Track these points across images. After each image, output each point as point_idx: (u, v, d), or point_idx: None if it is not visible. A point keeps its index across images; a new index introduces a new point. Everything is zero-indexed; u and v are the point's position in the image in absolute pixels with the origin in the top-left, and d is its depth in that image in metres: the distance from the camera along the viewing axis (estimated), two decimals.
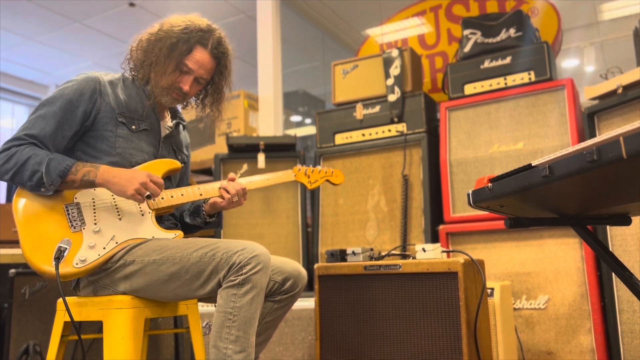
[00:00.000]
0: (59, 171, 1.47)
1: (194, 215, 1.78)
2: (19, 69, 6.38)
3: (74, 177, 1.49)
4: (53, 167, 1.47)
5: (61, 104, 1.56)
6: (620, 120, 2.20)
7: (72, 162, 1.50)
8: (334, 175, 1.89)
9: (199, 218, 1.77)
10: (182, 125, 1.86)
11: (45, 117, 1.54)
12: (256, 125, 4.09)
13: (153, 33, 1.65)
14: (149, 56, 1.64)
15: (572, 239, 2.33)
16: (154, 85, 1.66)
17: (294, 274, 1.66)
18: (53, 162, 1.48)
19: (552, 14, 3.30)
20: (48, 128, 1.53)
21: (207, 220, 1.77)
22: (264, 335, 1.65)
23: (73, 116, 1.57)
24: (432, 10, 3.72)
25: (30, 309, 2.18)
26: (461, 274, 1.63)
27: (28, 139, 1.51)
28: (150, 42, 1.64)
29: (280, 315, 1.68)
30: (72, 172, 1.49)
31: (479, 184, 1.22)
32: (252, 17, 4.61)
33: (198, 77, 1.68)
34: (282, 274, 1.64)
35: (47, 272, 1.42)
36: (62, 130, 1.55)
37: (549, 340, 2.30)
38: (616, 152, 0.77)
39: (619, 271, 1.26)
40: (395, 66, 2.99)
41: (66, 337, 1.55)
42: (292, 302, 1.69)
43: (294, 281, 1.65)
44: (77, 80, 1.61)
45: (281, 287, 1.64)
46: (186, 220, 1.79)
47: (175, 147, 1.80)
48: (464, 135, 2.70)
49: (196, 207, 1.79)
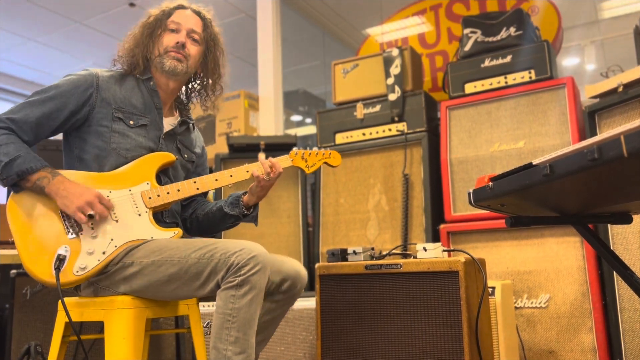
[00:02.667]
0: (19, 169, 1.46)
1: (232, 205, 1.76)
2: (19, 69, 6.38)
3: (30, 178, 1.48)
4: (17, 164, 1.46)
5: (53, 93, 1.57)
6: (621, 118, 2.20)
7: (38, 166, 1.49)
8: (331, 157, 1.87)
9: (237, 208, 1.75)
10: (191, 124, 1.85)
11: (34, 104, 1.55)
12: (256, 125, 4.09)
13: (136, 25, 1.73)
14: (135, 41, 1.70)
15: (573, 238, 2.33)
16: (153, 59, 1.70)
17: (292, 275, 1.64)
18: (20, 159, 1.46)
19: (553, 12, 3.30)
20: (32, 115, 1.54)
21: (244, 213, 1.76)
22: (262, 335, 1.64)
23: (62, 107, 1.57)
24: (432, 9, 3.72)
25: (31, 309, 2.17)
26: (462, 273, 1.63)
27: (8, 122, 1.51)
28: (135, 30, 1.72)
29: (279, 315, 1.67)
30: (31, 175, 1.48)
31: (480, 182, 1.21)
32: (252, 16, 4.61)
33: (189, 31, 1.72)
34: (279, 274, 1.62)
35: (48, 283, 1.42)
36: (48, 120, 1.56)
37: (551, 339, 2.30)
38: (617, 151, 0.77)
39: (620, 270, 1.26)
40: (395, 65, 2.98)
41: (67, 337, 1.55)
42: (290, 303, 1.67)
43: (292, 282, 1.64)
44: (77, 74, 1.64)
45: (279, 288, 1.63)
46: (225, 210, 1.76)
47: (181, 145, 1.78)
48: (464, 134, 2.70)
49: (235, 197, 1.77)
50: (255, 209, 1.80)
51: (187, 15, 1.74)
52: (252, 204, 1.77)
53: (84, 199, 1.46)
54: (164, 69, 1.69)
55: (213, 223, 1.81)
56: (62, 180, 1.49)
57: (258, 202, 1.79)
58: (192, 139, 1.85)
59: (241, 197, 1.76)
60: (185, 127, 1.82)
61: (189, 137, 1.83)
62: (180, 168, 1.76)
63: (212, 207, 1.81)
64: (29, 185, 1.49)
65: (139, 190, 1.59)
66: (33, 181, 1.48)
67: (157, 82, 1.73)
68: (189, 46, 1.71)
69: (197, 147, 1.87)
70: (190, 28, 1.72)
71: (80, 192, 1.47)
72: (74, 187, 1.48)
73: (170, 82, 1.73)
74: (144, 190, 1.59)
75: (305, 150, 1.83)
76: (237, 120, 3.94)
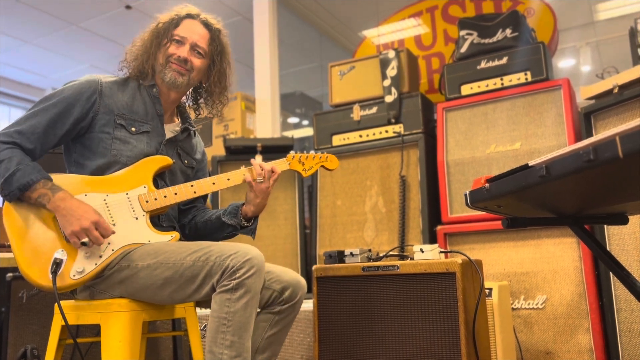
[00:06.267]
0: (19, 184, 1.45)
1: (231, 215, 1.74)
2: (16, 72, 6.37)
3: (31, 195, 1.46)
4: (16, 179, 1.45)
5: (57, 101, 1.56)
6: (616, 119, 2.21)
7: (38, 178, 1.47)
8: (328, 161, 1.87)
9: (236, 218, 1.73)
10: (193, 131, 1.84)
11: (39, 114, 1.54)
12: (253, 127, 4.09)
13: (145, 30, 1.72)
14: (144, 47, 1.69)
15: (569, 239, 2.33)
16: (155, 67, 1.69)
17: (293, 283, 1.63)
18: (19, 173, 1.45)
19: (548, 14, 3.31)
20: (39, 125, 1.53)
21: (242, 224, 1.73)
22: (269, 352, 1.62)
23: (68, 115, 1.56)
24: (428, 11, 3.72)
25: (27, 312, 2.16)
26: (459, 274, 1.63)
27: (15, 136, 1.50)
28: (144, 35, 1.71)
29: (283, 328, 1.64)
30: (32, 190, 1.46)
31: (477, 184, 1.22)
32: (248, 18, 4.61)
33: (193, 44, 1.70)
34: (280, 283, 1.62)
35: (45, 287, 1.41)
36: (53, 129, 1.55)
37: (548, 340, 2.30)
38: (612, 152, 0.77)
39: (616, 270, 1.26)
40: (392, 67, 2.99)
41: (64, 340, 1.54)
42: (293, 313, 1.65)
43: (293, 290, 1.63)
44: (80, 81, 1.62)
45: (280, 296, 1.62)
46: (223, 219, 1.74)
47: (181, 150, 1.78)
48: (461, 136, 2.71)
49: (235, 207, 1.75)
50: (255, 222, 1.77)
51: (194, 27, 1.71)
52: (251, 215, 1.74)
53: (80, 225, 1.43)
54: (164, 79, 1.69)
55: (211, 231, 1.79)
56: (62, 197, 1.47)
57: (257, 215, 1.76)
58: (193, 145, 1.84)
59: (240, 207, 1.74)
60: (187, 133, 1.81)
61: (190, 143, 1.83)
62: (179, 173, 1.75)
63: (211, 215, 1.79)
64: (31, 202, 1.48)
65: (136, 194, 1.58)
66: (34, 199, 1.47)
67: (159, 89, 1.72)
68: (192, 59, 1.70)
69: (197, 152, 1.86)
70: (195, 42, 1.70)
71: (79, 215, 1.44)
72: (75, 209, 1.45)
73: (171, 93, 1.73)
74: (141, 193, 1.59)
75: (302, 154, 1.83)
76: (234, 123, 3.94)
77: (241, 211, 1.73)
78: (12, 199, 1.47)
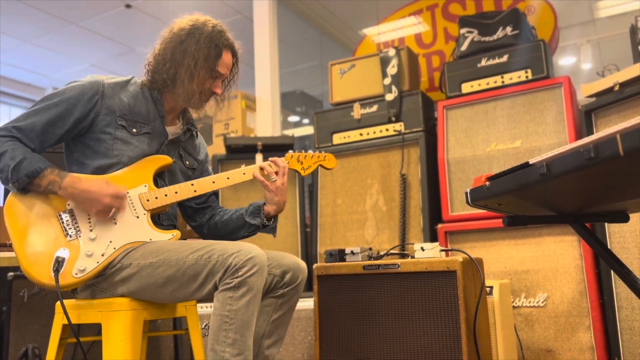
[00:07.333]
0: (28, 171, 1.46)
1: (253, 215, 1.76)
2: (16, 71, 6.37)
3: (40, 182, 1.48)
4: (24, 167, 1.46)
5: (59, 100, 1.56)
6: (617, 117, 2.20)
7: (45, 166, 1.49)
8: (326, 160, 1.88)
9: (259, 218, 1.75)
10: (195, 131, 1.85)
11: (39, 112, 1.55)
12: (254, 126, 4.08)
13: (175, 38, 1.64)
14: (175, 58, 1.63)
15: (570, 237, 2.33)
16: (182, 89, 1.64)
17: (293, 266, 1.66)
18: (26, 162, 1.47)
19: (549, 11, 3.30)
20: (39, 123, 1.53)
21: (264, 223, 1.75)
22: (275, 335, 1.65)
23: (69, 114, 1.56)
24: (428, 9, 3.72)
25: (29, 312, 2.17)
26: (460, 272, 1.63)
27: (14, 131, 1.51)
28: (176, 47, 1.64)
29: (287, 311, 1.68)
30: (41, 176, 1.48)
31: (477, 182, 1.22)
32: (249, 17, 4.61)
33: (224, 77, 1.72)
34: (280, 267, 1.65)
35: (47, 285, 1.42)
36: (54, 127, 1.55)
37: (549, 338, 2.30)
38: (613, 150, 0.77)
39: (617, 268, 1.26)
40: (392, 65, 2.99)
41: (65, 339, 1.55)
42: (295, 295, 1.68)
43: (294, 273, 1.66)
44: (82, 81, 1.62)
45: (281, 280, 1.64)
46: (246, 219, 1.76)
47: (183, 151, 1.78)
48: (461, 134, 2.70)
49: (257, 207, 1.77)
50: (275, 221, 1.80)
51: (229, 63, 1.71)
52: (274, 214, 1.76)
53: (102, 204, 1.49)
54: (189, 104, 1.69)
55: (232, 230, 1.80)
56: (70, 183, 1.49)
57: (278, 214, 1.79)
58: (195, 146, 1.85)
59: (262, 206, 1.76)
60: (190, 134, 1.82)
61: (192, 144, 1.83)
62: (179, 174, 1.75)
63: (231, 214, 1.81)
64: (40, 190, 1.50)
65: (136, 193, 1.59)
66: (44, 186, 1.49)
67: (165, 97, 1.71)
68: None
69: (200, 153, 1.87)
70: (226, 76, 1.72)
71: (94, 196, 1.49)
72: (87, 190, 1.49)
73: (180, 105, 1.73)
74: (142, 192, 1.59)
75: (300, 153, 1.84)
76: (235, 121, 3.94)
77: (263, 211, 1.76)
78: (20, 186, 1.47)
